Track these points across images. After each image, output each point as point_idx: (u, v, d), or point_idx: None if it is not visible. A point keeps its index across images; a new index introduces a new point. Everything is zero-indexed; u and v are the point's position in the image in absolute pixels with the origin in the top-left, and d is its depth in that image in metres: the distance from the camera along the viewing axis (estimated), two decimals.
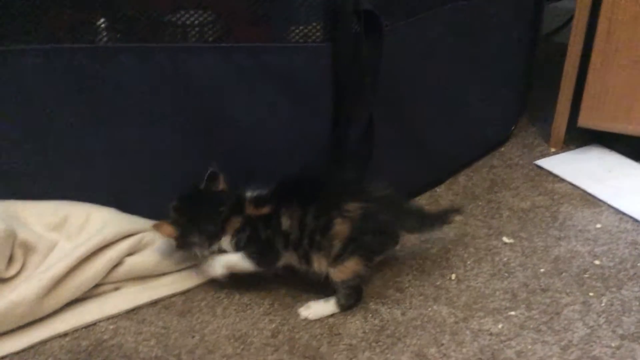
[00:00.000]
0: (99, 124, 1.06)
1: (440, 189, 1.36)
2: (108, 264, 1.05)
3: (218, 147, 1.08)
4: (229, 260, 1.04)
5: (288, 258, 1.03)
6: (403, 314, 1.03)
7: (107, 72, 1.01)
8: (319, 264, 1.01)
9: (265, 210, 1.01)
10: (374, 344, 0.97)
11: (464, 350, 0.96)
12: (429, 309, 1.04)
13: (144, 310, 1.05)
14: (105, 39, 1.05)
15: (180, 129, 1.06)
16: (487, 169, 1.44)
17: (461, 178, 1.40)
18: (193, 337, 1.00)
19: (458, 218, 1.18)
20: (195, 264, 1.11)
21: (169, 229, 1.03)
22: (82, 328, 1.01)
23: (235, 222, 1.03)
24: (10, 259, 1.02)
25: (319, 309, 1.03)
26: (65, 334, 1.00)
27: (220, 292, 1.08)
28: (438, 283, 1.10)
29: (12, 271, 1.02)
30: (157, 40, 1.01)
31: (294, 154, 1.08)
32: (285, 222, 1.00)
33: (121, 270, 1.07)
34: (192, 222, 1.03)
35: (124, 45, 1.00)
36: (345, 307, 1.03)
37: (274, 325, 1.01)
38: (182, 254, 1.11)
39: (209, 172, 1.04)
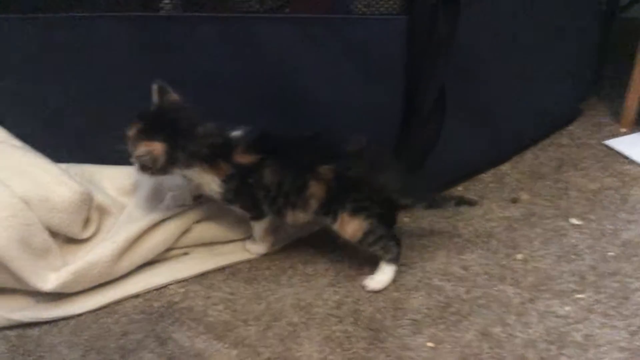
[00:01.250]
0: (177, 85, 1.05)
1: (505, 167, 1.34)
2: (177, 230, 1.08)
3: (288, 117, 1.08)
4: (256, 229, 1.09)
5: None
6: (467, 292, 1.03)
7: (184, 41, 1.03)
8: (294, 217, 1.04)
9: (254, 158, 1.01)
10: (438, 321, 0.98)
11: (530, 331, 0.95)
12: (494, 289, 1.03)
13: (211, 275, 1.08)
14: (169, 4, 1.06)
15: (251, 100, 1.07)
16: (555, 147, 1.40)
17: (527, 156, 1.37)
18: (259, 304, 1.02)
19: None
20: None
21: (158, 146, 0.96)
22: (154, 290, 1.05)
23: (226, 168, 1.01)
24: (87, 221, 1.06)
25: (379, 277, 1.05)
26: (137, 295, 1.04)
27: (284, 262, 1.10)
28: (503, 262, 1.09)
29: (88, 233, 1.07)
30: (231, 9, 1.02)
31: (363, 125, 1.06)
32: (267, 177, 1.01)
33: (190, 236, 1.10)
34: (172, 139, 0.97)
35: (201, 15, 1.01)
36: (394, 259, 1.04)
37: (338, 297, 1.03)
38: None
39: (156, 86, 0.99)
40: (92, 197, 1.06)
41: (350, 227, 1.02)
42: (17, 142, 1.16)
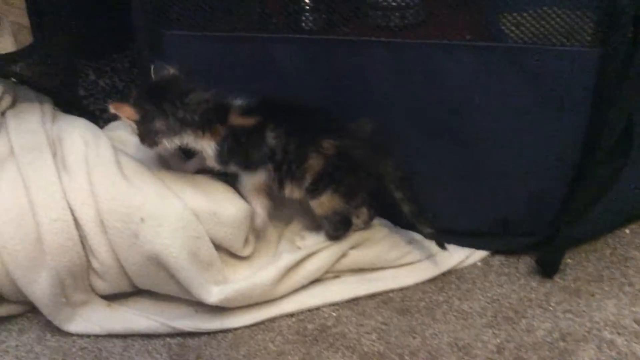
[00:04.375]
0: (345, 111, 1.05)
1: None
2: (334, 257, 1.07)
3: (456, 147, 1.05)
4: (247, 183, 1.05)
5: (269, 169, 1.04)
6: None
7: (356, 64, 1.02)
8: (291, 191, 1.05)
9: (251, 121, 1.00)
10: None
11: None
12: None
13: (363, 301, 1.06)
14: (310, 19, 1.06)
15: (422, 128, 1.05)
16: None
17: None
18: (414, 337, 0.99)
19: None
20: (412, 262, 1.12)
21: (128, 109, 0.96)
22: (307, 310, 1.05)
23: (220, 130, 1.00)
24: (246, 240, 1.08)
25: (311, 240, 1.09)
26: (291, 314, 1.04)
27: (438, 296, 1.07)
28: None
29: (248, 251, 1.09)
30: (402, 35, 1.00)
31: (537, 159, 1.04)
32: (271, 140, 1.00)
33: (344, 262, 1.09)
34: (156, 105, 0.97)
35: (377, 40, 1.00)
36: (333, 237, 1.08)
37: (498, 341, 0.98)
38: (401, 249, 1.11)
39: (153, 66, 1.01)
40: (250, 217, 1.08)
41: (329, 204, 1.04)
42: None
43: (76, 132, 1.05)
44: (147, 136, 0.99)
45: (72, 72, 1.32)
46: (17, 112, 1.16)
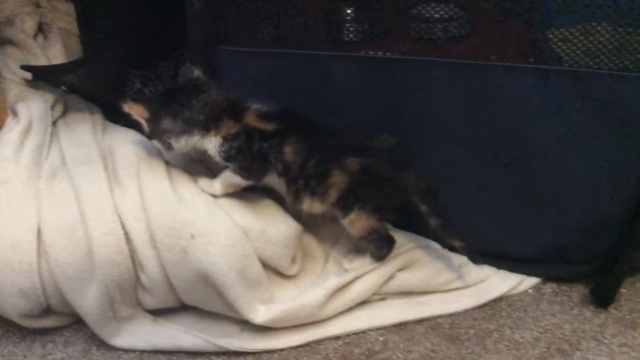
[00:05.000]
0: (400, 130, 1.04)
1: None
2: (381, 279, 1.06)
3: (511, 171, 1.03)
4: (225, 177, 1.02)
5: (274, 181, 1.02)
6: None
7: (412, 84, 1.00)
8: (310, 206, 1.02)
9: (270, 126, 0.98)
10: None
11: None
12: None
13: (410, 326, 1.04)
14: (351, 29, 1.06)
15: (480, 151, 1.03)
16: None
17: None
18: None
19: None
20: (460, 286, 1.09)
21: (139, 108, 0.99)
22: (353, 334, 1.03)
23: (229, 126, 0.98)
24: (293, 259, 1.07)
25: (359, 262, 1.07)
26: (337, 337, 1.02)
27: (489, 323, 1.04)
28: None
29: (294, 270, 1.07)
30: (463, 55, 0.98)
31: (596, 185, 1.01)
32: (289, 154, 0.99)
33: (391, 284, 1.07)
34: (165, 105, 0.99)
35: (435, 59, 0.98)
36: (378, 257, 1.07)
37: None
38: (450, 273, 1.09)
39: (183, 68, 1.02)
40: (300, 236, 1.06)
41: (361, 224, 1.02)
42: None
43: (129, 145, 1.05)
44: (157, 135, 1.01)
45: (120, 81, 1.33)
46: (68, 121, 1.17)
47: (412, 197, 1.02)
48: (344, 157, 0.99)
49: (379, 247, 1.07)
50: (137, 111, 1.00)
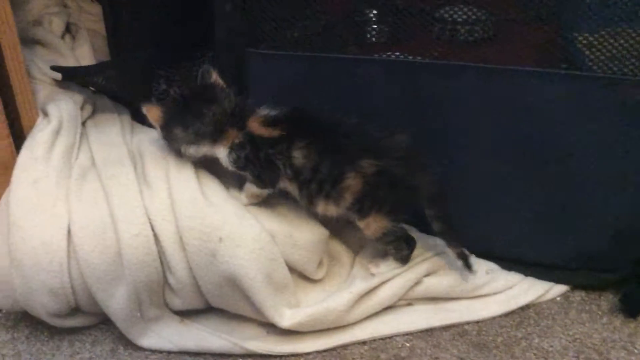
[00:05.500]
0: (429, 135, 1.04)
1: None
2: (408, 284, 1.05)
3: (541, 178, 1.02)
4: (246, 188, 1.02)
5: (287, 186, 1.01)
6: None
7: (442, 88, 1.00)
8: (325, 209, 1.01)
9: (276, 132, 0.97)
10: None
11: None
12: None
13: (437, 332, 1.03)
14: (374, 31, 1.06)
15: (506, 159, 1.02)
16: None
17: None
18: None
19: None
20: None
21: (156, 112, 1.00)
22: (380, 339, 1.03)
23: (234, 136, 0.98)
24: (320, 263, 1.07)
25: (384, 267, 1.06)
26: (363, 342, 1.02)
27: (516, 331, 1.03)
28: None
29: (321, 274, 1.07)
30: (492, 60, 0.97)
31: (627, 194, 1.00)
32: (298, 159, 0.97)
33: (417, 290, 1.06)
34: (179, 114, 0.99)
35: (466, 64, 0.97)
36: (400, 259, 1.06)
37: None
38: (478, 280, 1.08)
39: (201, 70, 1.02)
40: (327, 240, 1.06)
41: (376, 225, 1.01)
42: None
43: (157, 146, 1.05)
44: (169, 140, 1.02)
45: (147, 82, 1.33)
46: (97, 122, 1.18)
47: (422, 199, 1.01)
48: (358, 159, 0.97)
49: (399, 249, 1.06)
50: (152, 115, 1.02)
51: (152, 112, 1.01)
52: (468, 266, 1.05)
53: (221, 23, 1.04)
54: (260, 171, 0.99)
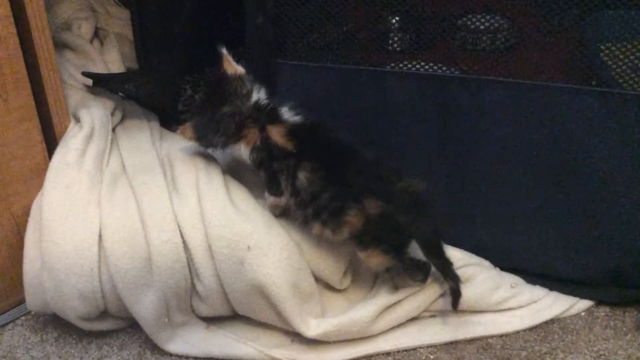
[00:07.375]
0: (450, 150, 1.05)
1: None
2: (432, 296, 1.05)
3: (569, 193, 1.02)
4: (265, 197, 1.03)
5: (288, 200, 1.00)
6: None
7: (472, 103, 1.00)
8: (320, 232, 0.99)
9: (289, 146, 0.97)
10: None
11: None
12: None
13: (461, 345, 1.04)
14: (396, 38, 1.06)
15: (537, 176, 1.02)
16: None
17: None
18: None
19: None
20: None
21: (189, 131, 1.02)
22: (403, 350, 1.03)
23: (256, 136, 0.98)
24: (344, 274, 1.07)
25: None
26: (387, 353, 1.03)
27: (540, 346, 1.02)
28: None
29: (344, 285, 1.08)
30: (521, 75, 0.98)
31: None
32: (301, 181, 0.96)
33: (441, 301, 1.06)
34: (206, 122, 1.00)
35: (495, 79, 0.98)
36: (418, 282, 1.04)
37: None
38: (504, 293, 1.08)
39: (220, 54, 1.02)
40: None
41: (376, 260, 0.99)
42: None
43: (187, 154, 1.07)
44: (215, 148, 1.04)
45: (175, 88, 1.35)
46: (127, 128, 1.20)
47: (418, 241, 0.99)
48: (364, 197, 0.94)
49: (412, 275, 1.04)
50: (187, 135, 1.04)
51: (186, 132, 1.03)
52: (454, 303, 1.03)
53: (252, 34, 1.05)
54: (269, 179, 1.00)
